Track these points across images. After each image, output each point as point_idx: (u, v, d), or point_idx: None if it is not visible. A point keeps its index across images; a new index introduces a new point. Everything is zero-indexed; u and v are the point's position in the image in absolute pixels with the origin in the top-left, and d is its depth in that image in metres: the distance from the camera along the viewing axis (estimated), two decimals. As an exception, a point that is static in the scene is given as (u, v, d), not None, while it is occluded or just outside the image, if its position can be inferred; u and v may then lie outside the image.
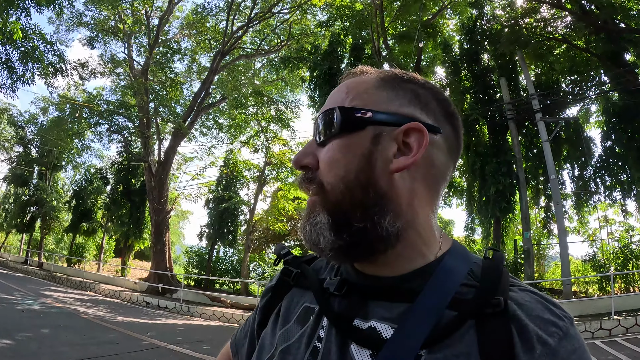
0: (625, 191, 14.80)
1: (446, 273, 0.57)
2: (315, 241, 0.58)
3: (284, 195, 18.21)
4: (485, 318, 0.52)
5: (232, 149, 19.01)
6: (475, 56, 15.47)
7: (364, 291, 0.60)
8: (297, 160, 0.62)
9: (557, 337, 0.50)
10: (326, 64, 16.46)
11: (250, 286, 19.25)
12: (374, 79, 0.63)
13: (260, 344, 0.68)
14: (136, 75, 19.87)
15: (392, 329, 0.54)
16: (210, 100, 19.50)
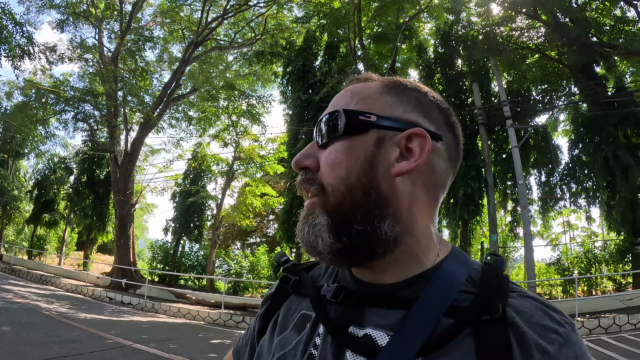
0: (590, 198, 15.24)
1: (444, 280, 0.56)
2: (313, 244, 0.57)
3: (252, 191, 17.88)
4: (483, 325, 0.51)
5: (200, 142, 18.56)
6: (449, 61, 15.57)
7: (361, 298, 0.59)
8: (297, 161, 0.61)
9: (558, 344, 0.49)
10: (300, 60, 16.27)
11: (216, 283, 18.82)
12: (378, 85, 0.64)
13: (258, 351, 0.68)
14: (106, 62, 19.13)
15: (388, 336, 0.53)
16: (181, 92, 18.94)
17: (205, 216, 19.03)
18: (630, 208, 13.70)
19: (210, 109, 18.36)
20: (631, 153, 14.31)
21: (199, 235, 19.21)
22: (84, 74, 20.63)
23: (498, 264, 0.60)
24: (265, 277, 17.58)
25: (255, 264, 17.87)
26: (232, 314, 11.68)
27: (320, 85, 15.63)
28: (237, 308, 12.60)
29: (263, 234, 25.86)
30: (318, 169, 0.59)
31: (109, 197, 22.03)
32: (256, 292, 17.65)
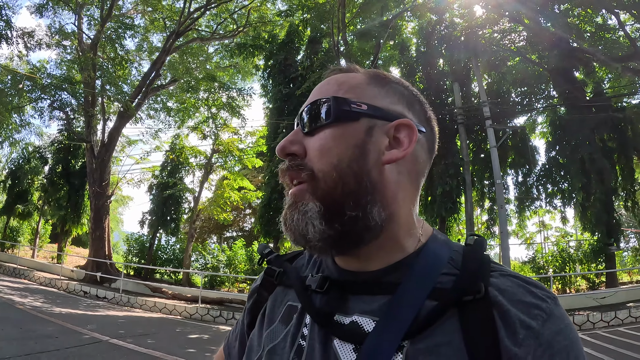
0: (566, 199, 15.56)
1: (426, 263, 0.57)
2: (303, 231, 0.56)
3: (230, 185, 17.63)
4: (466, 306, 0.52)
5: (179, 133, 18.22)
6: (431, 60, 15.62)
7: (345, 286, 0.60)
8: (283, 147, 0.61)
9: (541, 319, 0.50)
10: (282, 54, 16.13)
11: (193, 277, 18.53)
12: (364, 76, 0.64)
13: (249, 345, 0.68)
14: (84, 50, 18.63)
15: (374, 322, 0.54)
16: (160, 82, 18.55)
17: (182, 209, 18.69)
18: (604, 209, 14.00)
19: (190, 101, 18.03)
20: (607, 156, 14.61)
21: (176, 228, 18.86)
22: (62, 61, 20.08)
23: (479, 245, 0.61)
24: (243, 272, 17.36)
25: (232, 258, 17.63)
26: (209, 308, 11.55)
27: (302, 80, 15.51)
28: (214, 302, 12.46)
29: (240, 228, 25.60)
30: (305, 155, 0.59)
31: (84, 189, 21.46)
32: (233, 286, 17.45)
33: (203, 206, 18.25)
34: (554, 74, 15.81)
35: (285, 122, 15.29)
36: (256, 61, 17.60)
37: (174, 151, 18.02)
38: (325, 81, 0.66)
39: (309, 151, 0.59)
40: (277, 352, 0.61)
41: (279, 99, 15.84)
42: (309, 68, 15.53)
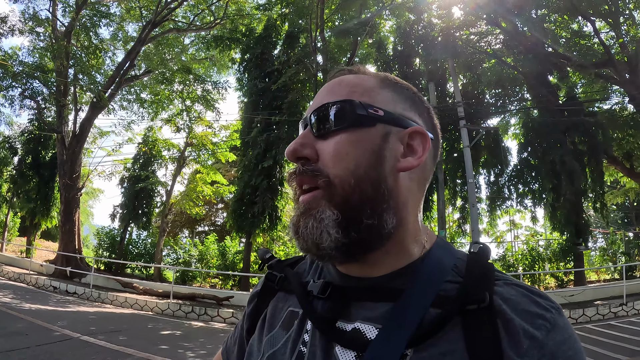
0: (536, 199, 15.84)
1: (430, 270, 0.57)
2: (317, 240, 0.54)
3: (203, 179, 17.35)
4: (470, 314, 0.51)
5: (152, 126, 17.83)
6: (408, 59, 15.68)
7: (348, 293, 0.59)
8: (294, 151, 0.59)
9: (545, 329, 0.49)
10: (259, 48, 15.97)
11: (164, 272, 18.16)
12: (376, 79, 0.63)
13: (249, 350, 0.67)
14: (58, 37, 18.14)
15: (377, 329, 0.54)
16: (134, 73, 18.15)
17: (154, 203, 18.29)
18: (573, 210, 14.27)
19: (164, 92, 17.66)
20: (577, 159, 14.87)
21: (147, 222, 18.46)
22: (35, 48, 19.51)
23: (483, 253, 0.59)
24: (215, 267, 17.10)
25: (204, 253, 17.35)
26: (180, 304, 11.35)
27: (278, 75, 15.37)
28: (185, 298, 12.23)
29: (212, 223, 25.31)
30: (317, 159, 0.57)
31: (55, 181, 20.88)
32: (205, 281, 17.19)
33: (175, 200, 17.92)
34: (529, 77, 16.03)
35: (260, 116, 15.11)
36: (232, 54, 17.37)
37: (147, 144, 17.64)
38: (336, 82, 0.63)
39: (322, 155, 0.57)
40: (277, 357, 0.60)
41: (254, 93, 15.66)
42: (286, 63, 15.38)
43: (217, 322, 10.42)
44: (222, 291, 14.03)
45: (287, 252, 16.91)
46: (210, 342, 7.77)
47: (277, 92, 15.11)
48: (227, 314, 10.62)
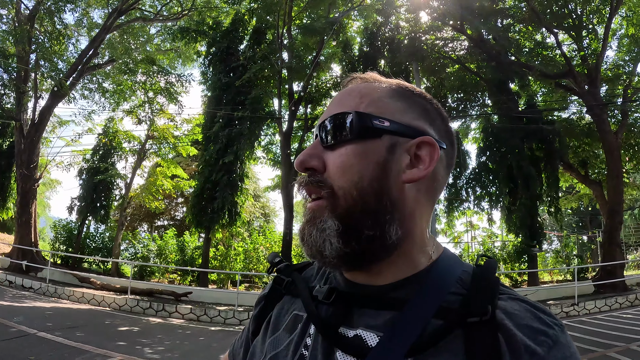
0: (493, 202, 16.27)
1: (435, 281, 0.57)
2: (320, 248, 0.56)
3: (163, 172, 17.02)
4: (472, 327, 0.51)
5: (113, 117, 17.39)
6: (373, 60, 15.77)
7: (352, 299, 0.60)
8: (303, 162, 0.59)
9: (547, 346, 0.49)
10: (225, 42, 15.82)
11: (122, 267, 17.71)
12: (387, 88, 0.63)
13: (252, 351, 0.68)
14: (21, 21, 17.55)
15: (378, 337, 0.54)
16: (97, 61, 17.66)
17: (113, 196, 17.78)
18: (528, 214, 14.69)
19: (127, 83, 17.23)
20: (534, 164, 15.29)
21: (106, 215, 17.96)
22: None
23: (489, 266, 0.59)
24: (173, 262, 16.80)
25: (163, 248, 17.02)
26: (138, 299, 11.13)
27: (243, 70, 15.24)
28: (143, 294, 12.01)
29: (172, 217, 24.85)
30: (324, 170, 0.58)
31: (12, 170, 20.11)
32: (163, 277, 16.87)
33: (135, 193, 17.51)
34: (490, 84, 16.41)
35: (223, 111, 14.95)
36: (198, 47, 17.16)
37: (107, 135, 17.16)
38: (347, 91, 0.63)
39: (328, 167, 0.57)
40: (279, 359, 0.60)
41: (218, 88, 15.46)
42: (251, 59, 15.26)
43: (175, 318, 10.26)
44: (180, 287, 13.84)
45: (246, 248, 16.74)
46: (168, 338, 7.66)
47: (241, 88, 14.98)
48: (186, 309, 10.46)
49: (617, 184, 14.60)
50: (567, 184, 20.37)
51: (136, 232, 20.23)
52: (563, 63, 15.93)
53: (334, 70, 17.71)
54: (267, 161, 18.15)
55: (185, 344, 7.25)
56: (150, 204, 17.05)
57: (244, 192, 15.28)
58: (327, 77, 17.13)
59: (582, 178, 17.67)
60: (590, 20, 16.65)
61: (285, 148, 14.85)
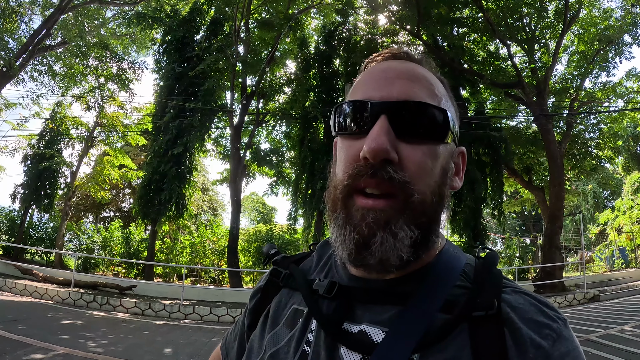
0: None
1: (439, 275, 0.56)
2: (389, 256, 0.50)
3: (110, 161, 16.56)
4: (477, 321, 0.51)
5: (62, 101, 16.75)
6: (328, 59, 15.90)
7: (355, 294, 0.58)
8: (384, 151, 0.50)
9: (551, 339, 0.49)
10: (181, 31, 15.58)
11: (66, 258, 17.09)
12: (443, 85, 0.60)
13: (249, 347, 0.65)
14: (-30, -4, 16.64)
15: (383, 332, 0.52)
16: (49, 42, 16.98)
17: (58, 184, 17.12)
18: (472, 216, 15.19)
19: (78, 67, 16.66)
20: (480, 169, 15.83)
21: (50, 204, 17.25)
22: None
23: (491, 259, 0.58)
24: (118, 255, 16.37)
25: (108, 240, 16.56)
26: (82, 292, 10.78)
27: (197, 61, 15.04)
28: (87, 287, 11.69)
29: (118, 208, 24.23)
30: (399, 165, 0.51)
31: (-47, 154, 19.08)
32: (108, 269, 16.41)
33: (80, 182, 16.92)
34: (441, 89, 16.86)
35: (174, 101, 14.71)
36: (153, 34, 16.81)
37: (55, 120, 16.52)
38: (410, 72, 0.56)
39: (406, 164, 0.51)
40: (280, 356, 0.57)
41: (171, 78, 15.22)
42: (207, 50, 15.08)
43: (119, 312, 10.02)
44: (125, 280, 13.55)
45: (193, 241, 16.53)
46: (112, 332, 7.47)
47: (194, 79, 14.79)
48: (130, 303, 10.24)
49: (558, 190, 15.34)
50: (511, 188, 21.23)
51: (81, 223, 19.56)
52: (513, 74, 16.60)
53: (288, 67, 17.80)
54: (216, 154, 18.02)
55: (129, 338, 7.06)
56: (96, 194, 16.52)
57: (192, 185, 15.09)
58: (281, 73, 17.17)
59: (526, 184, 18.47)
60: (543, 35, 17.45)
61: (235, 142, 14.78)
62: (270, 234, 17.77)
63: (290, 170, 17.06)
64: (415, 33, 16.29)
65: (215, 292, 12.51)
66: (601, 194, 31.12)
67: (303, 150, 14.70)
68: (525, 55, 17.51)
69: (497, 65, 18.11)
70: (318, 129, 15.37)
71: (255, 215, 39.04)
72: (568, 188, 19.32)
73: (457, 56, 16.85)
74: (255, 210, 39.16)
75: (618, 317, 9.16)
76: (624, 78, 18.54)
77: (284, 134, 17.66)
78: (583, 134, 19.29)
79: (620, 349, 6.24)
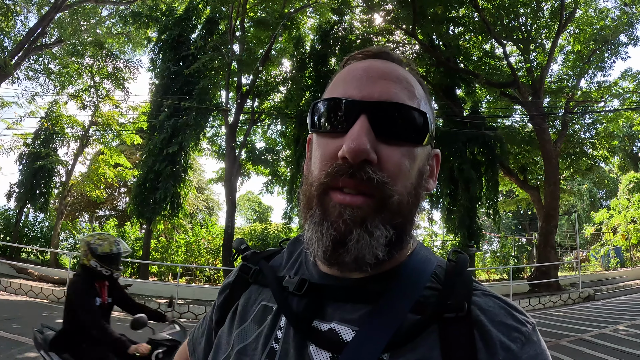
0: (433, 203, 16.69)
1: (410, 276, 0.56)
2: (364, 254, 0.50)
3: (106, 160, 16.52)
4: (448, 322, 0.51)
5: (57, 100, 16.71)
6: (324, 58, 15.89)
7: (326, 292, 0.57)
8: (363, 151, 0.49)
9: (520, 342, 0.50)
10: (177, 29, 15.58)
11: (61, 257, 17.04)
12: (421, 86, 0.59)
13: (217, 343, 0.64)
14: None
15: (354, 331, 0.52)
16: (45, 41, 16.94)
17: (54, 183, 17.07)
18: (467, 215, 15.21)
19: (73, 65, 16.62)
20: (474, 168, 15.86)
21: (45, 203, 17.23)
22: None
23: (462, 262, 0.59)
24: (114, 254, 16.28)
25: (103, 240, 16.47)
26: None
27: (192, 59, 15.05)
28: None
29: (113, 207, 24.18)
30: (378, 166, 0.51)
31: (-51, 153, 18.98)
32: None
33: (76, 181, 16.89)
34: (437, 88, 16.89)
35: (169, 100, 14.70)
36: (149, 33, 16.80)
37: (50, 119, 16.47)
38: (390, 72, 0.55)
39: (385, 164, 0.51)
40: (247, 352, 0.57)
41: (167, 76, 15.21)
42: (202, 48, 15.09)
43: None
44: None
45: (188, 240, 16.52)
46: None
47: (189, 77, 14.79)
48: None
49: (554, 190, 15.35)
50: (506, 188, 21.28)
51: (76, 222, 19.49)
52: (509, 73, 16.60)
53: (284, 66, 17.79)
54: (212, 153, 18.00)
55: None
56: (91, 193, 16.48)
57: (187, 184, 15.08)
58: (277, 72, 17.15)
59: (521, 183, 18.50)
60: (539, 35, 17.46)
61: (230, 141, 14.77)
62: (266, 233, 17.75)
63: (286, 169, 17.01)
64: (411, 32, 16.29)
65: (210, 291, 12.48)
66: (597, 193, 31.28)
67: (298, 149, 14.69)
68: (520, 55, 17.51)
69: (492, 65, 18.09)
70: (312, 128, 15.28)
71: (251, 214, 38.96)
72: (563, 187, 19.39)
73: (453, 55, 16.86)
74: (251, 209, 39.07)
75: (613, 317, 9.19)
76: (620, 78, 18.57)
77: (279, 133, 17.66)
78: (578, 133, 19.29)
79: (614, 348, 6.26)
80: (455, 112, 16.62)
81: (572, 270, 20.08)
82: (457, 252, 0.62)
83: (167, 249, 16.20)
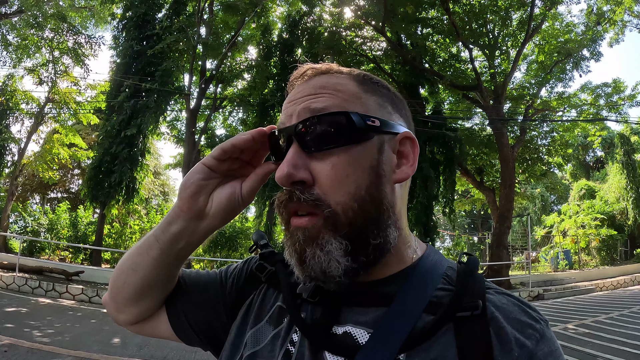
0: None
1: (422, 277, 0.56)
2: (325, 268, 0.52)
3: (60, 140, 15.90)
4: (462, 321, 0.51)
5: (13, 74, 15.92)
6: (290, 48, 15.87)
7: (339, 297, 0.57)
8: (289, 175, 0.52)
9: (535, 339, 0.50)
10: (143, 7, 15.16)
11: (10, 241, 16.29)
12: (355, 82, 0.57)
13: (230, 339, 0.64)
14: None
15: (368, 334, 0.53)
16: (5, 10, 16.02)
17: (5, 162, 16.29)
18: (424, 212, 15.56)
19: (32, 38, 15.83)
20: (433, 167, 16.25)
21: (-5, 184, 16.48)
22: None
23: (472, 263, 0.59)
24: (65, 238, 15.76)
25: (55, 223, 15.89)
26: (27, 278, 10.26)
27: (157, 40, 14.69)
28: (32, 271, 11.10)
29: (66, 189, 23.36)
30: (313, 182, 0.52)
31: None
32: (54, 254, 15.74)
33: (28, 161, 16.15)
34: (401, 87, 17.19)
35: (131, 80, 14.32)
36: (114, 9, 16.24)
37: (4, 93, 15.67)
38: (314, 86, 0.56)
39: (319, 179, 0.52)
40: (263, 354, 0.57)
41: (129, 55, 14.78)
42: (168, 29, 14.72)
43: (65, 299, 9.59)
44: (72, 265, 12.96)
45: (143, 226, 16.17)
46: (58, 320, 7.10)
47: (153, 58, 14.45)
48: (77, 290, 9.82)
49: (509, 192, 15.92)
50: (463, 188, 21.93)
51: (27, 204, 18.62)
52: (473, 77, 17.06)
53: (249, 53, 17.64)
54: (170, 138, 17.66)
55: (76, 327, 6.75)
56: (44, 174, 15.81)
57: (144, 168, 14.75)
58: (242, 59, 16.98)
59: (478, 184, 19.13)
60: (505, 42, 18.01)
61: (190, 126, 14.56)
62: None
63: (246, 157, 16.87)
64: (380, 29, 16.48)
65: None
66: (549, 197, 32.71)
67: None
68: (486, 60, 18.02)
69: (457, 68, 18.57)
70: (275, 118, 15.33)
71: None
72: (518, 190, 20.13)
73: (419, 55, 17.18)
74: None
75: (561, 316, 9.41)
76: (579, 90, 19.30)
77: (240, 121, 17.47)
78: (536, 140, 20.02)
79: (564, 346, 6.47)
80: (417, 111, 16.96)
81: (522, 270, 20.84)
82: (467, 255, 0.62)
83: (121, 235, 15.76)
